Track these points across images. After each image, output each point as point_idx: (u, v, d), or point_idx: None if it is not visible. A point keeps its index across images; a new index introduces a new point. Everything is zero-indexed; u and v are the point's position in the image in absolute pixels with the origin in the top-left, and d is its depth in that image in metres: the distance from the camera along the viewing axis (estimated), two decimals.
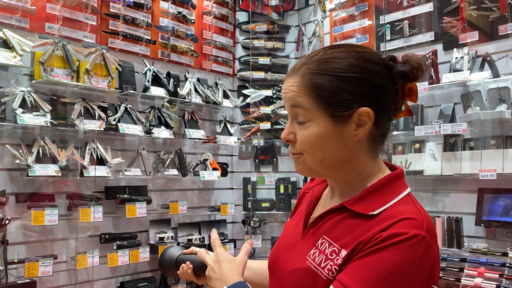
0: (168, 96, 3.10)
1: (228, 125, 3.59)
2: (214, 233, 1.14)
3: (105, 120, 2.75)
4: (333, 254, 0.88)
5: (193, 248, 1.33)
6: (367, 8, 3.36)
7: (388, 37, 3.17)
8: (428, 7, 2.98)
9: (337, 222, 0.93)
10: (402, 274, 0.80)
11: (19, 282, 2.35)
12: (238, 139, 3.64)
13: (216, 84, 3.54)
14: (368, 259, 0.82)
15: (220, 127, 3.53)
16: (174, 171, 3.13)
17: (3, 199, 2.35)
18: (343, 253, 0.87)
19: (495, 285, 2.35)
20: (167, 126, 3.11)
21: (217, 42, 3.61)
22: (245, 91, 3.69)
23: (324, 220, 0.96)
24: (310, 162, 0.94)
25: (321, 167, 0.94)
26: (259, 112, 3.63)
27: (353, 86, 0.89)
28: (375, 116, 0.90)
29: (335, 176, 0.98)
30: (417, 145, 2.91)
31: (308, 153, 0.93)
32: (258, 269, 1.27)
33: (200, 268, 1.24)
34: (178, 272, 1.31)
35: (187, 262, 1.28)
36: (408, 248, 0.80)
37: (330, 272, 0.87)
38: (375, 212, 0.88)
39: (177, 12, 3.31)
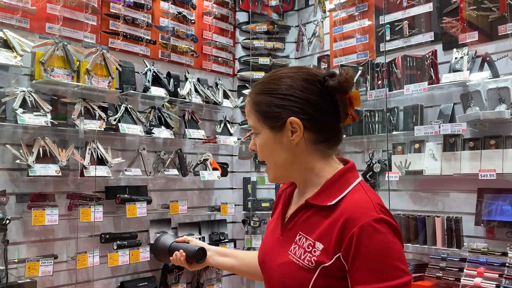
0: (168, 96, 3.11)
1: (228, 125, 3.60)
2: None
3: (106, 120, 2.75)
4: (310, 247, 1.04)
5: (186, 237, 1.51)
6: (366, 8, 3.37)
7: (387, 37, 3.17)
8: (428, 7, 2.98)
9: (307, 218, 1.09)
10: (392, 249, 0.97)
11: (19, 281, 2.35)
12: (238, 139, 3.65)
13: (216, 84, 3.55)
14: (365, 262, 0.96)
15: (220, 127, 3.53)
16: (174, 171, 3.13)
17: (3, 199, 2.35)
18: (319, 245, 1.02)
19: (494, 285, 2.35)
20: (167, 126, 3.11)
21: (217, 42, 3.61)
22: (245, 91, 3.69)
23: (297, 217, 1.12)
24: (271, 167, 1.14)
25: (279, 170, 1.13)
26: None
27: (282, 101, 1.08)
28: (307, 123, 1.07)
29: (293, 177, 1.16)
30: (416, 145, 2.92)
31: (266, 160, 1.14)
32: (245, 259, 1.44)
33: (192, 256, 1.40)
34: (171, 258, 1.45)
35: (181, 250, 1.43)
36: (379, 232, 0.97)
37: (309, 263, 1.02)
38: (332, 203, 1.04)
39: (177, 12, 3.31)
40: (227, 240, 3.47)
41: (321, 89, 1.08)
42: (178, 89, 3.19)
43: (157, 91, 3.04)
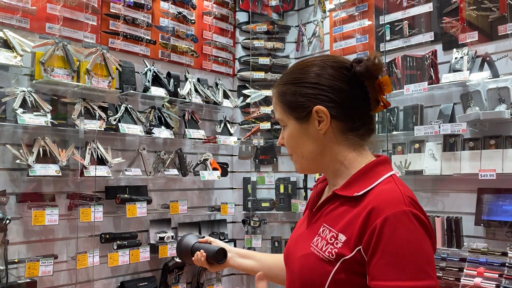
0: (168, 96, 3.11)
1: (228, 125, 3.60)
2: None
3: (106, 120, 2.75)
4: (332, 239, 0.99)
5: (208, 238, 1.49)
6: (366, 9, 3.37)
7: (388, 37, 3.17)
8: (428, 7, 2.98)
9: (332, 210, 1.04)
10: (417, 245, 0.90)
11: (19, 281, 2.36)
12: (238, 139, 3.65)
13: (216, 84, 3.55)
14: (385, 256, 0.90)
15: (220, 127, 3.54)
16: (174, 171, 3.13)
17: (3, 199, 2.35)
18: (342, 237, 0.97)
19: (494, 285, 2.35)
20: (167, 126, 3.11)
21: (217, 42, 3.61)
22: (245, 91, 3.69)
23: (323, 210, 1.08)
24: (298, 159, 1.11)
25: (307, 162, 1.10)
26: (259, 112, 3.63)
27: (307, 89, 1.05)
28: (334, 112, 1.03)
29: (321, 169, 1.12)
30: (416, 145, 2.92)
31: (294, 152, 1.11)
32: (266, 261, 1.41)
33: (212, 256, 1.39)
34: (193, 258, 1.44)
35: (201, 250, 1.42)
36: (404, 225, 0.90)
37: (330, 255, 0.98)
38: (360, 193, 0.99)
39: (177, 12, 3.31)
40: (227, 240, 3.47)
41: (349, 75, 1.04)
42: (178, 89, 3.19)
43: (157, 91, 3.04)
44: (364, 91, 1.05)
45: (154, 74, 3.07)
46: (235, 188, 3.71)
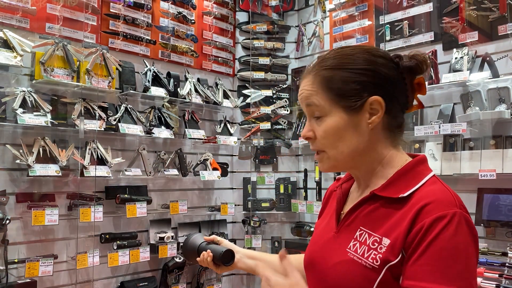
0: (168, 96, 3.11)
1: (228, 125, 3.60)
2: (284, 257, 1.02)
3: (106, 120, 2.75)
4: (375, 243, 0.91)
5: (215, 237, 1.41)
6: (367, 9, 3.37)
7: (388, 37, 3.17)
8: (428, 7, 2.98)
9: (371, 212, 0.96)
10: (462, 251, 0.83)
11: (19, 282, 2.35)
12: (238, 139, 3.65)
13: (216, 84, 3.55)
14: (426, 255, 0.83)
15: (220, 127, 3.53)
16: (174, 171, 3.13)
17: (3, 199, 2.35)
18: (386, 241, 0.89)
19: (494, 285, 2.35)
20: (167, 126, 3.11)
21: (217, 42, 3.61)
22: (245, 91, 3.69)
23: (358, 212, 0.99)
24: (333, 156, 0.99)
25: (345, 159, 0.99)
26: (259, 112, 3.63)
27: (362, 76, 0.95)
28: (386, 105, 0.95)
29: (359, 166, 1.02)
30: (416, 145, 2.92)
31: (329, 147, 0.98)
32: (274, 261, 1.26)
33: (219, 258, 1.31)
34: (198, 259, 1.37)
35: (208, 251, 1.34)
36: (455, 228, 0.84)
37: (374, 261, 0.89)
38: (405, 194, 0.91)
39: (177, 12, 3.31)
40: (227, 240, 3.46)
41: (396, 68, 0.98)
42: (178, 89, 3.19)
43: (157, 91, 3.04)
44: (404, 89, 1.00)
45: (154, 74, 3.07)
46: (235, 188, 3.71)
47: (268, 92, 3.68)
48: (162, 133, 3.05)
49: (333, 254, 0.98)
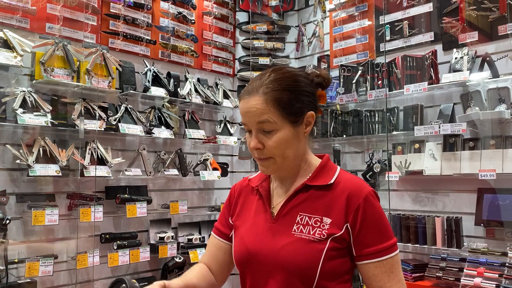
0: (168, 96, 3.11)
1: (228, 125, 3.60)
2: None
3: (106, 120, 2.76)
4: (317, 222, 1.15)
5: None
6: (366, 9, 3.37)
7: (387, 38, 3.18)
8: (428, 8, 2.98)
9: (306, 199, 1.19)
10: (383, 213, 1.17)
11: (19, 281, 2.36)
12: (238, 139, 3.65)
13: (216, 84, 3.55)
14: (368, 225, 1.12)
15: (220, 127, 3.54)
16: (175, 171, 3.13)
17: (3, 199, 2.35)
18: (327, 220, 1.14)
19: (494, 285, 2.35)
20: (168, 126, 3.11)
21: (217, 43, 3.61)
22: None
23: (292, 201, 1.20)
24: (280, 161, 1.18)
25: (284, 164, 1.19)
26: None
27: (304, 97, 1.18)
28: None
29: (289, 167, 1.22)
30: (416, 145, 2.92)
31: (278, 155, 1.17)
32: (197, 275, 1.34)
33: None
34: None
35: None
36: (374, 201, 1.15)
37: (321, 235, 1.13)
38: (332, 181, 1.19)
39: (177, 12, 3.31)
40: None
41: (311, 84, 1.23)
42: (178, 89, 3.19)
43: (157, 91, 3.04)
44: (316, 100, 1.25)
45: (154, 74, 3.07)
46: None
47: None
48: (162, 133, 3.05)
49: (278, 239, 1.16)
